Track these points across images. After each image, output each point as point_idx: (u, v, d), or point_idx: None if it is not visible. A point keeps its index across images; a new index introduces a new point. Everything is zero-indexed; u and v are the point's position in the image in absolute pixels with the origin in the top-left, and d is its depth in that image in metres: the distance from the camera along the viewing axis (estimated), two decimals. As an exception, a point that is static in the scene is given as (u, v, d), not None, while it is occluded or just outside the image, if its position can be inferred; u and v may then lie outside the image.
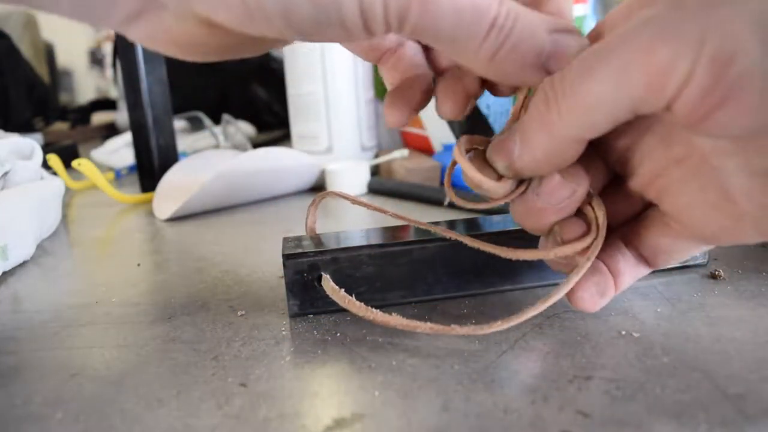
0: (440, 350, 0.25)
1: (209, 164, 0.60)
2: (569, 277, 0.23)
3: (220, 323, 0.29)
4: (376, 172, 0.63)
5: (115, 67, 1.26)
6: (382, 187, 0.56)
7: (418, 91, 0.24)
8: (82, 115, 1.35)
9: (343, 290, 0.27)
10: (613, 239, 0.24)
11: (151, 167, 0.62)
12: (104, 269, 0.39)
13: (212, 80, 1.06)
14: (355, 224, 0.47)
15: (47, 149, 0.65)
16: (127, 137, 0.79)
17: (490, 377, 0.22)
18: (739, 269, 0.31)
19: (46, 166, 0.55)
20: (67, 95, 1.94)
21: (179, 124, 0.87)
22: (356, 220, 0.49)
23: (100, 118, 1.36)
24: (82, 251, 0.44)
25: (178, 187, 0.56)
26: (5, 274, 0.38)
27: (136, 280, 0.36)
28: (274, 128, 1.06)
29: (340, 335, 0.27)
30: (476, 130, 0.24)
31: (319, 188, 0.60)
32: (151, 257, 0.41)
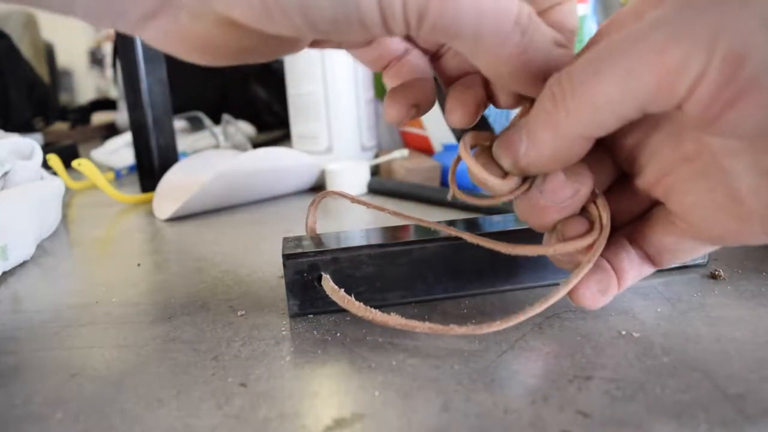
0: (440, 350, 0.25)
1: (209, 164, 0.60)
2: (570, 277, 0.23)
3: (220, 323, 0.29)
4: (376, 172, 0.63)
5: (115, 67, 1.26)
6: (382, 187, 0.56)
7: (419, 90, 0.24)
8: (82, 115, 1.35)
9: (342, 290, 0.27)
10: (618, 237, 0.24)
11: (151, 167, 0.62)
12: (104, 269, 0.39)
13: (212, 80, 1.06)
14: (355, 224, 0.47)
15: (47, 149, 0.65)
16: (127, 137, 0.79)
17: (490, 377, 0.22)
18: (739, 269, 0.31)
19: (46, 166, 0.55)
20: (67, 95, 1.94)
21: (179, 124, 0.87)
22: (356, 220, 0.49)
23: (100, 118, 1.37)
24: (82, 251, 0.44)
25: (178, 187, 0.56)
26: (5, 274, 0.38)
27: (136, 280, 0.36)
28: (274, 128, 1.06)
29: (340, 335, 0.27)
30: (476, 128, 0.24)
31: (319, 188, 0.60)
32: (151, 257, 0.41)
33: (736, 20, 0.16)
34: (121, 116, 1.13)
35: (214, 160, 0.62)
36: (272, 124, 1.08)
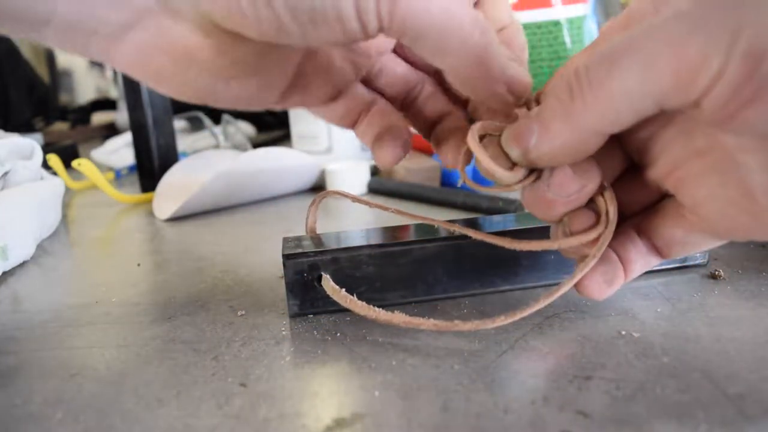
0: (440, 350, 0.25)
1: (209, 164, 0.60)
2: (575, 271, 0.23)
3: (220, 323, 0.29)
4: (376, 172, 0.63)
5: (115, 67, 1.26)
6: (382, 187, 0.56)
7: (400, 133, 0.25)
8: (82, 115, 1.35)
9: (344, 290, 0.27)
10: (625, 227, 0.24)
11: (151, 167, 0.62)
12: (104, 269, 0.39)
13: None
14: (355, 224, 0.47)
15: (47, 149, 0.65)
16: (127, 137, 0.79)
17: (490, 377, 0.22)
18: (739, 269, 0.31)
19: (46, 166, 0.55)
20: (67, 95, 1.94)
21: (179, 124, 0.87)
22: (356, 220, 0.49)
23: (100, 118, 1.37)
24: (82, 251, 0.44)
25: (178, 187, 0.56)
26: (5, 274, 0.38)
27: (136, 280, 0.36)
28: (274, 128, 1.06)
29: (340, 335, 0.27)
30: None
31: (319, 188, 0.60)
32: (151, 257, 0.41)
33: (757, 17, 0.15)
34: (121, 116, 1.13)
35: (214, 160, 0.62)
36: (272, 124, 1.08)
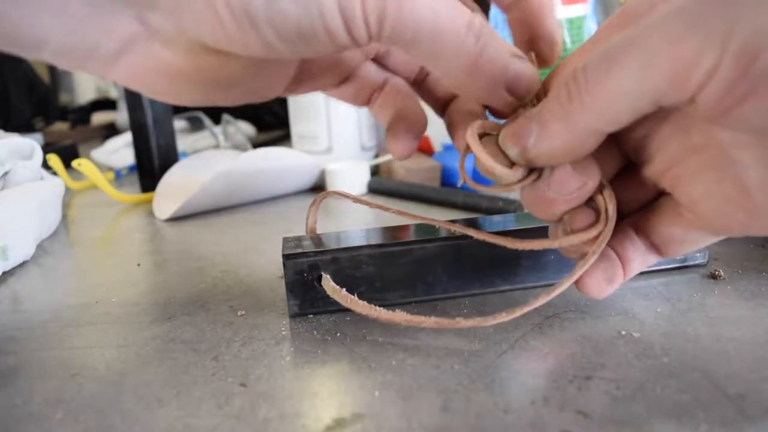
0: (440, 350, 0.25)
1: (209, 164, 0.60)
2: (575, 268, 0.23)
3: (220, 323, 0.29)
4: (376, 172, 0.63)
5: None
6: (382, 187, 0.56)
7: (414, 117, 0.25)
8: (82, 115, 1.35)
9: (344, 290, 0.27)
10: (623, 226, 0.24)
11: (151, 167, 0.62)
12: (104, 269, 0.39)
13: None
14: (355, 224, 0.47)
15: (47, 149, 0.65)
16: (127, 137, 0.79)
17: (490, 377, 0.22)
18: (739, 269, 0.31)
19: (46, 166, 0.55)
20: (67, 95, 1.94)
21: (179, 124, 0.87)
22: (356, 220, 0.49)
23: (100, 118, 1.37)
24: (82, 251, 0.44)
25: (178, 187, 0.56)
26: (5, 274, 0.38)
27: (136, 280, 0.36)
28: (274, 128, 1.06)
29: (340, 335, 0.27)
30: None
31: (319, 188, 0.60)
32: (151, 257, 0.41)
33: (751, 15, 0.16)
34: (121, 116, 1.13)
35: (214, 160, 0.62)
36: (272, 124, 1.08)
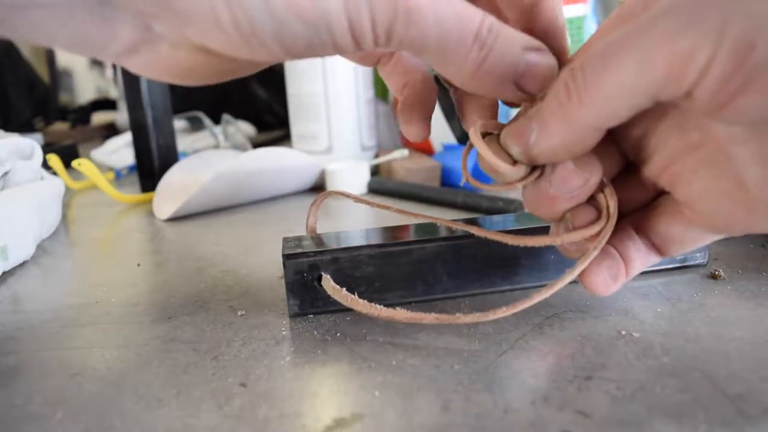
0: (440, 350, 0.25)
1: (209, 164, 0.60)
2: (577, 263, 0.23)
3: (220, 323, 0.29)
4: (376, 172, 0.63)
5: (115, 67, 1.26)
6: (382, 187, 0.56)
7: (427, 100, 0.25)
8: (82, 115, 1.35)
9: (344, 289, 0.27)
10: (624, 226, 0.24)
11: (151, 167, 0.62)
12: (104, 269, 0.39)
13: (212, 80, 1.06)
14: (355, 224, 0.47)
15: (47, 149, 0.65)
16: (127, 137, 0.79)
17: (490, 377, 0.22)
18: (739, 269, 0.31)
19: (46, 166, 0.55)
20: (67, 95, 1.94)
21: (179, 124, 0.87)
22: (356, 220, 0.49)
23: (100, 118, 1.37)
24: (82, 251, 0.44)
25: (178, 187, 0.56)
26: (5, 274, 0.38)
27: (136, 280, 0.36)
28: (274, 128, 1.06)
29: (340, 335, 0.27)
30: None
31: (319, 188, 0.60)
32: (151, 257, 0.41)
33: (745, 8, 0.16)
34: (121, 116, 1.13)
35: (214, 160, 0.62)
36: (272, 124, 1.08)
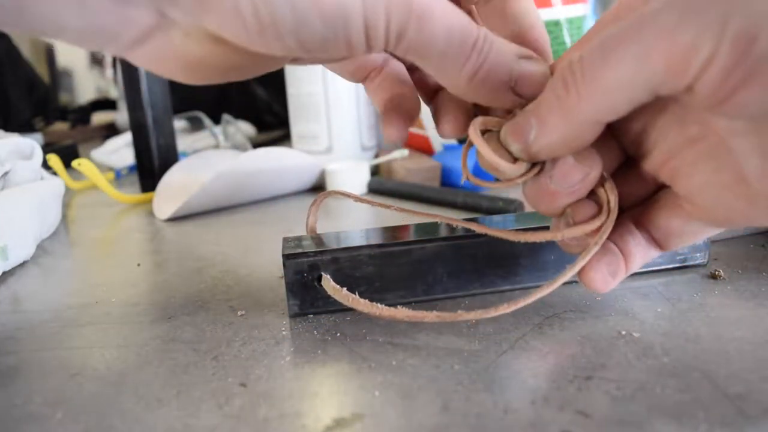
0: (440, 350, 0.25)
1: (209, 164, 0.60)
2: (577, 259, 0.23)
3: (220, 323, 0.29)
4: (376, 172, 0.63)
5: (115, 67, 1.26)
6: (382, 187, 0.56)
7: (408, 103, 0.25)
8: (82, 115, 1.35)
9: (345, 289, 0.27)
10: (624, 221, 0.24)
11: (151, 167, 0.62)
12: (104, 269, 0.39)
13: (212, 80, 1.06)
14: (355, 224, 0.47)
15: (47, 149, 0.65)
16: (127, 137, 0.79)
17: (490, 377, 0.22)
18: (739, 269, 0.31)
19: (46, 166, 0.55)
20: (67, 95, 1.94)
21: (179, 124, 0.87)
22: (356, 220, 0.49)
23: (100, 118, 1.37)
24: (82, 251, 0.44)
25: (178, 187, 0.56)
26: (5, 274, 0.38)
27: (136, 280, 0.36)
28: (274, 128, 1.06)
29: (340, 335, 0.27)
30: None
31: (319, 188, 0.60)
32: (151, 257, 0.41)
33: (746, 1, 0.16)
34: (121, 116, 1.13)
35: (214, 160, 0.62)
36: (272, 124, 1.08)
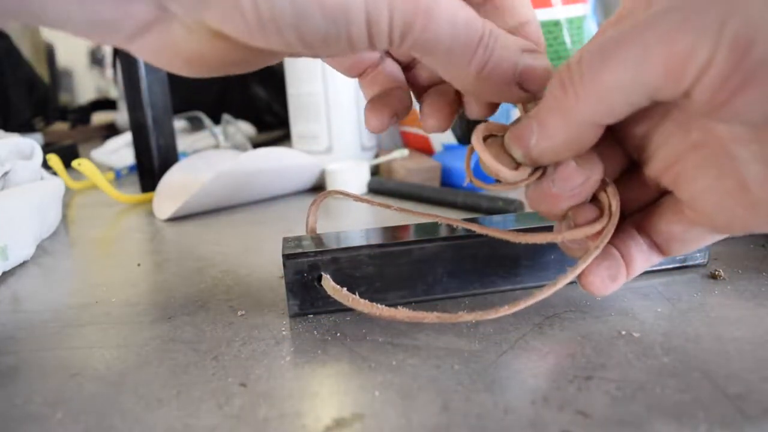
0: (440, 350, 0.25)
1: (209, 164, 0.60)
2: (578, 262, 0.23)
3: (220, 323, 0.29)
4: (376, 172, 0.63)
5: (115, 67, 1.26)
6: (382, 187, 0.56)
7: (396, 99, 0.25)
8: (82, 115, 1.35)
9: (345, 289, 0.27)
10: (626, 226, 0.24)
11: (151, 167, 0.62)
12: (104, 269, 0.39)
13: (212, 80, 1.06)
14: (355, 224, 0.47)
15: (47, 149, 0.65)
16: (127, 137, 0.79)
17: (490, 377, 0.22)
18: (739, 269, 0.31)
19: (46, 166, 0.55)
20: (67, 95, 1.94)
21: (179, 124, 0.87)
22: (356, 220, 0.49)
23: (100, 118, 1.37)
24: (82, 251, 0.44)
25: (178, 187, 0.56)
26: (5, 274, 0.38)
27: (136, 280, 0.36)
28: (274, 128, 1.06)
29: (340, 335, 0.27)
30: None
31: (319, 188, 0.60)
32: (151, 257, 0.41)
33: (744, 7, 0.16)
34: (121, 116, 1.13)
35: (214, 160, 0.62)
36: (272, 124, 1.08)
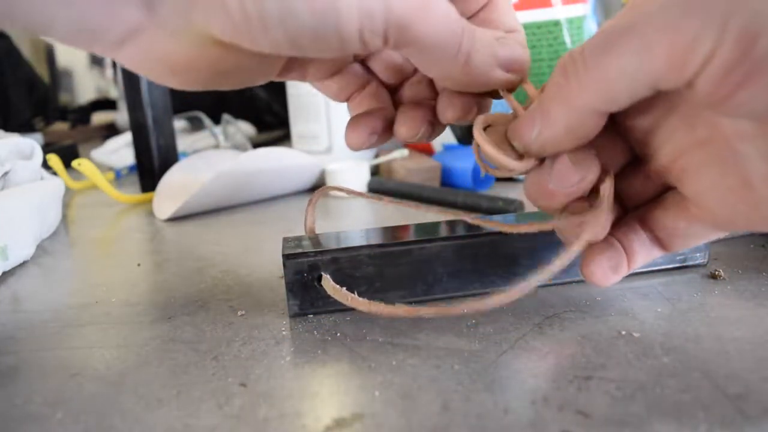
0: (440, 350, 0.25)
1: (209, 164, 0.60)
2: (570, 247, 0.22)
3: (220, 323, 0.29)
4: (376, 172, 0.63)
5: (115, 67, 1.26)
6: (382, 187, 0.56)
7: (377, 118, 0.26)
8: (82, 115, 1.35)
9: (344, 288, 0.27)
10: (629, 219, 0.24)
11: (151, 167, 0.62)
12: (104, 269, 0.39)
13: (212, 80, 1.06)
14: (355, 224, 0.47)
15: (47, 149, 0.65)
16: (127, 137, 0.79)
17: (490, 377, 0.22)
18: (739, 269, 0.31)
19: (46, 166, 0.55)
20: (67, 95, 1.94)
21: (179, 124, 0.87)
22: (356, 220, 0.49)
23: (100, 118, 1.37)
24: (82, 251, 0.44)
25: (178, 187, 0.56)
26: (5, 274, 0.38)
27: (136, 280, 0.36)
28: (274, 128, 1.06)
29: (340, 335, 0.27)
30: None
31: (319, 188, 0.60)
32: (151, 257, 0.41)
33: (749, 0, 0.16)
34: (121, 116, 1.13)
35: (214, 160, 0.62)
36: (272, 124, 1.08)
